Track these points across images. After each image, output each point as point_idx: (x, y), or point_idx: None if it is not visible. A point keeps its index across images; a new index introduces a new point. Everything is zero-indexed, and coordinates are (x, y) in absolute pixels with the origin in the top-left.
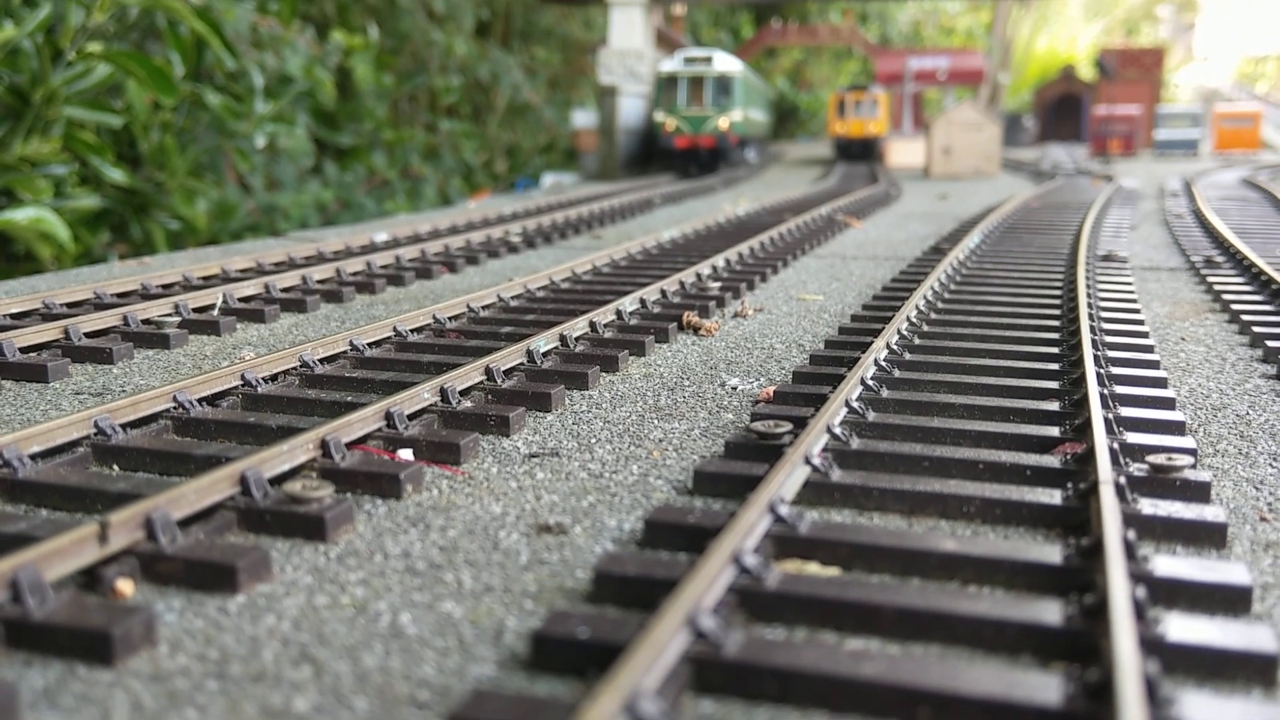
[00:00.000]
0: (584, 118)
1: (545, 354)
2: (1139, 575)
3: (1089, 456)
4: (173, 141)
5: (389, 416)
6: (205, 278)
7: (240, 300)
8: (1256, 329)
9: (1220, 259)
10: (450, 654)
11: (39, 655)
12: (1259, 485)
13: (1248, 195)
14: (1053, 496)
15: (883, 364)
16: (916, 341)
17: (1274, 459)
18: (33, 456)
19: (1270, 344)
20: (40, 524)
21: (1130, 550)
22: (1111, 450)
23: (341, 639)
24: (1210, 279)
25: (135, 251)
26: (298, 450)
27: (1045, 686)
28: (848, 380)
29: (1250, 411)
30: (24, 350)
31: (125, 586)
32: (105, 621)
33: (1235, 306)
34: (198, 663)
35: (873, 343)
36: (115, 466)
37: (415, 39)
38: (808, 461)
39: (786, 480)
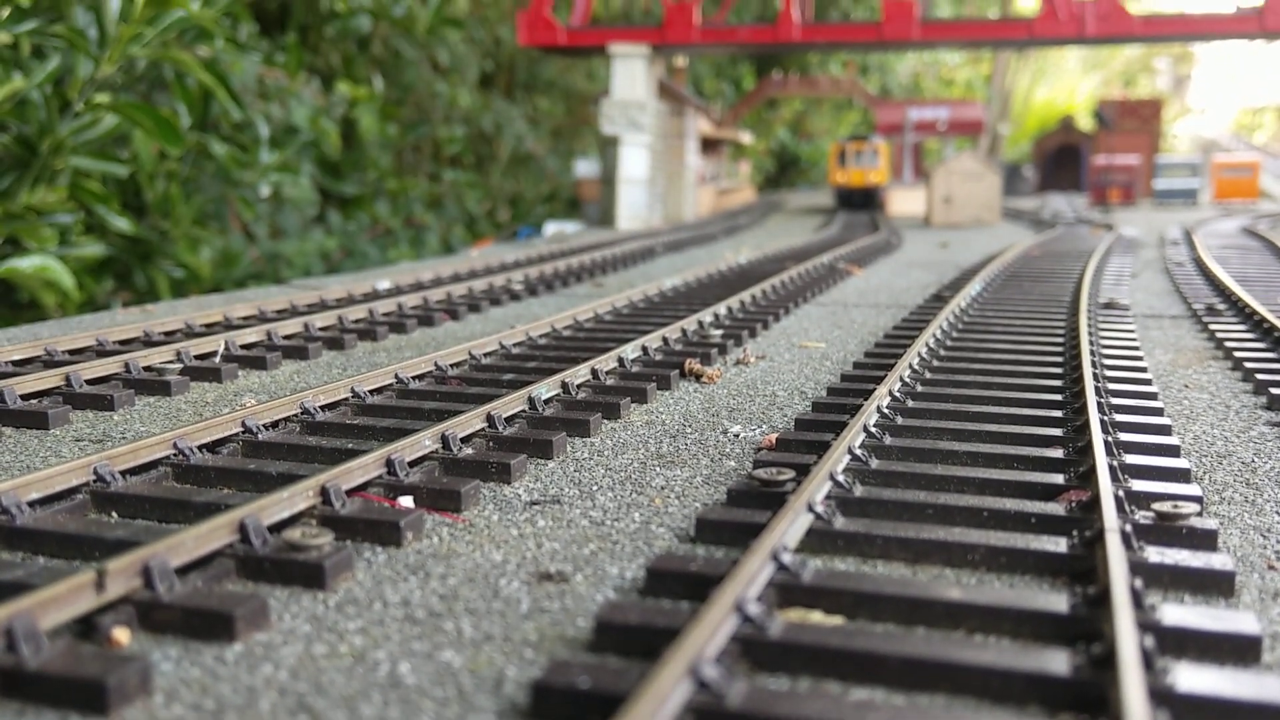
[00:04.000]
0: (586, 167)
1: (547, 401)
2: (1147, 624)
3: (1094, 504)
4: (178, 190)
5: (390, 464)
6: (208, 325)
7: (242, 347)
8: (1260, 376)
9: (1222, 306)
10: (449, 704)
11: (33, 705)
12: (1266, 533)
13: (1248, 244)
14: (1058, 544)
15: (885, 411)
16: (919, 389)
17: None
18: (31, 503)
19: (1274, 391)
20: (37, 571)
21: (1137, 599)
22: (1117, 498)
23: (339, 688)
24: (1212, 326)
25: (139, 299)
26: (297, 497)
27: None
28: (850, 427)
29: (1255, 459)
30: (25, 397)
31: (121, 635)
32: (100, 671)
33: (1238, 354)
34: (193, 713)
35: (875, 389)
36: (114, 514)
37: (420, 90)
38: (810, 509)
39: (789, 528)
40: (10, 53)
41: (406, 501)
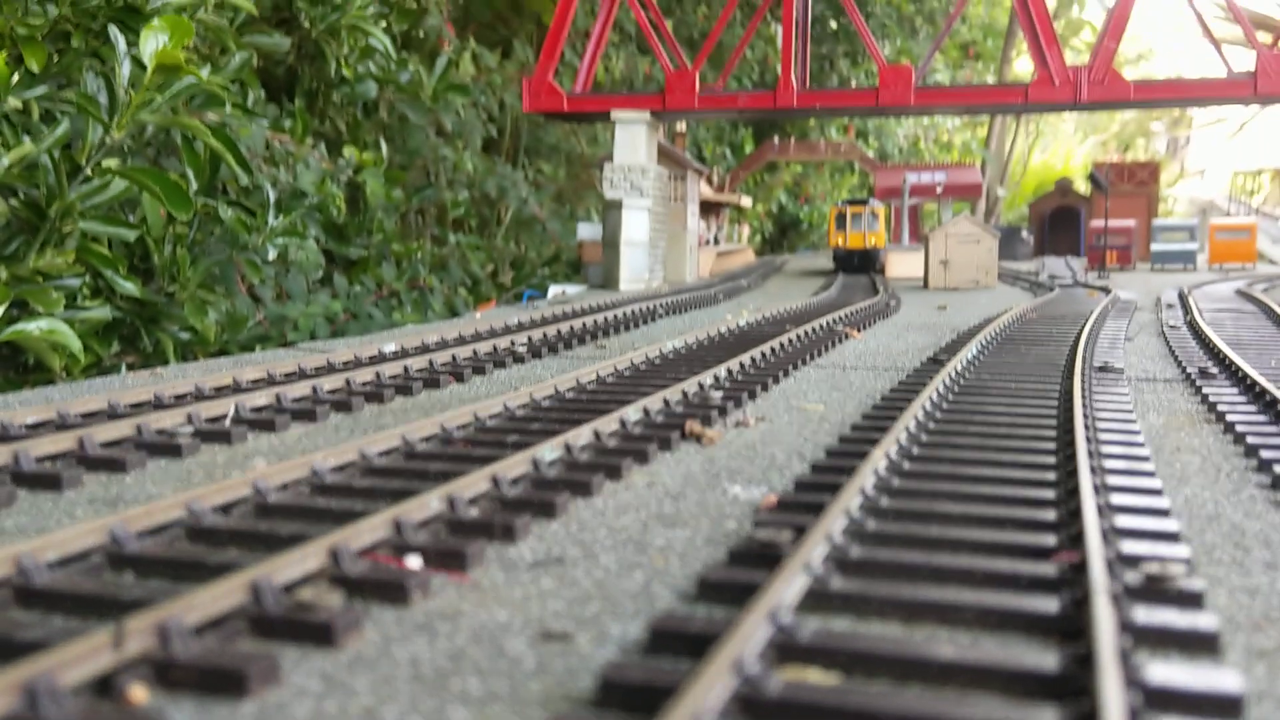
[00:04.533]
0: (588, 230)
1: (551, 462)
2: (1132, 682)
3: (1084, 565)
4: (185, 254)
5: (397, 525)
6: (218, 388)
7: (252, 410)
8: (1251, 439)
9: (1215, 370)
10: None
11: None
12: (1253, 593)
13: (1243, 307)
14: (1049, 605)
15: (882, 474)
16: (915, 451)
17: (1269, 567)
18: (49, 565)
19: (1264, 454)
20: (56, 631)
21: (1124, 658)
22: (1106, 560)
23: None
24: (1205, 390)
25: (145, 362)
26: (308, 558)
27: None
28: (846, 489)
29: (1245, 520)
30: (39, 460)
31: (138, 692)
32: None
33: (1230, 417)
34: None
35: (871, 452)
36: (129, 574)
37: (425, 155)
38: (808, 570)
39: (787, 588)
40: (21, 117)
41: (414, 562)
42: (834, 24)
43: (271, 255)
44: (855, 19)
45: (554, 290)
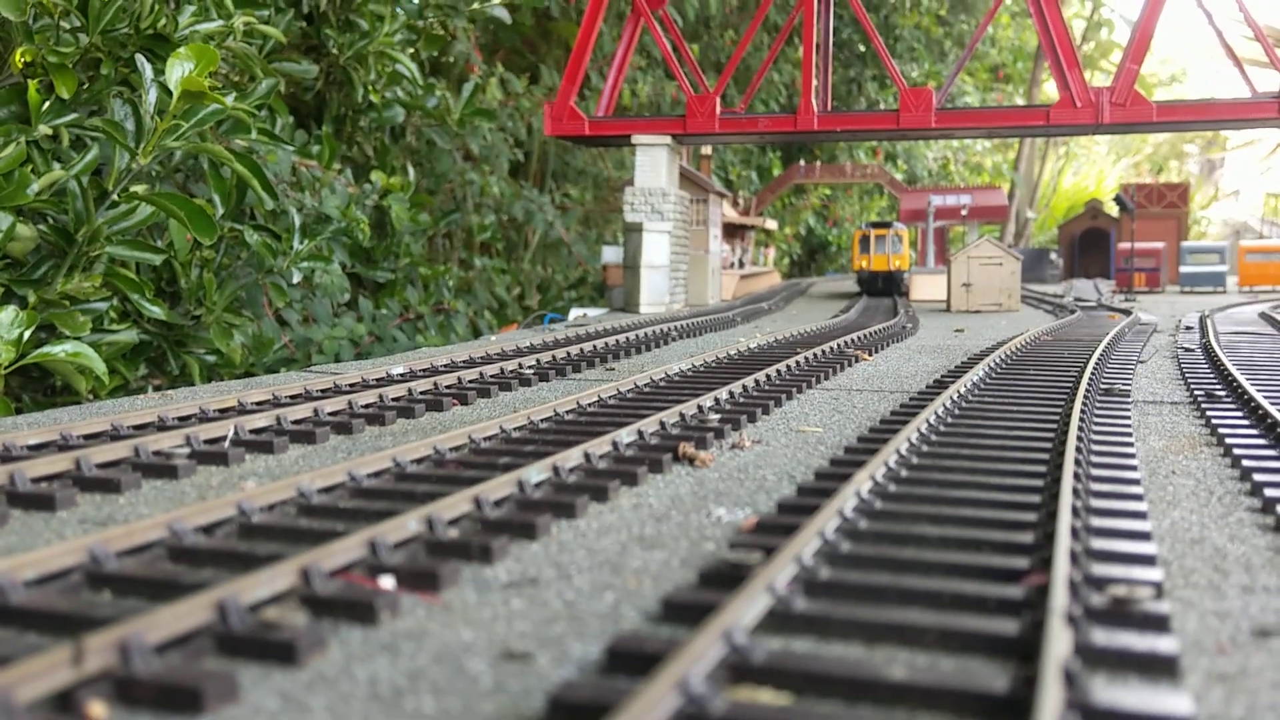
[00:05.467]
0: (612, 253)
1: (538, 484)
2: (1076, 703)
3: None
4: (211, 278)
5: (373, 545)
6: (221, 410)
7: (251, 432)
8: (1246, 462)
9: (1221, 393)
10: None
11: None
12: (1224, 617)
13: (1263, 330)
14: (1010, 627)
15: (864, 496)
16: (904, 474)
17: (1244, 591)
18: (26, 583)
19: (1257, 477)
20: (28, 648)
21: (1070, 679)
22: (1071, 582)
23: None
24: (1209, 413)
25: (172, 385)
26: (278, 578)
27: None
28: (823, 512)
29: (1229, 544)
30: (35, 480)
31: (97, 709)
32: None
33: (1229, 440)
34: None
35: (855, 475)
36: (107, 593)
37: (452, 179)
38: (771, 590)
39: (747, 608)
40: (51, 144)
41: (388, 582)
42: (862, 48)
43: (296, 279)
44: (875, 42)
45: (575, 313)
